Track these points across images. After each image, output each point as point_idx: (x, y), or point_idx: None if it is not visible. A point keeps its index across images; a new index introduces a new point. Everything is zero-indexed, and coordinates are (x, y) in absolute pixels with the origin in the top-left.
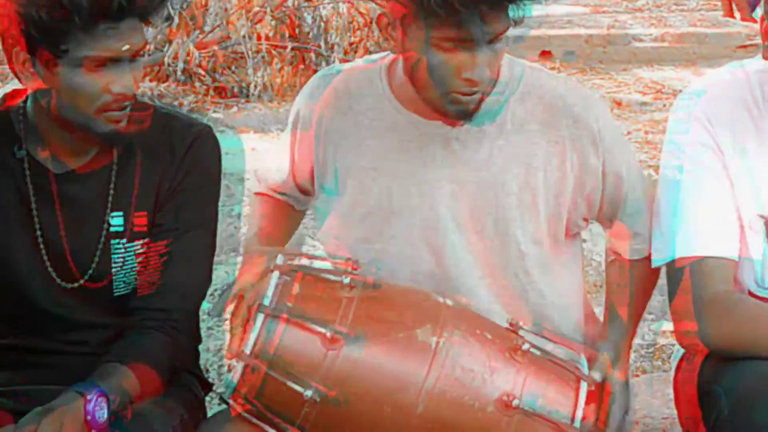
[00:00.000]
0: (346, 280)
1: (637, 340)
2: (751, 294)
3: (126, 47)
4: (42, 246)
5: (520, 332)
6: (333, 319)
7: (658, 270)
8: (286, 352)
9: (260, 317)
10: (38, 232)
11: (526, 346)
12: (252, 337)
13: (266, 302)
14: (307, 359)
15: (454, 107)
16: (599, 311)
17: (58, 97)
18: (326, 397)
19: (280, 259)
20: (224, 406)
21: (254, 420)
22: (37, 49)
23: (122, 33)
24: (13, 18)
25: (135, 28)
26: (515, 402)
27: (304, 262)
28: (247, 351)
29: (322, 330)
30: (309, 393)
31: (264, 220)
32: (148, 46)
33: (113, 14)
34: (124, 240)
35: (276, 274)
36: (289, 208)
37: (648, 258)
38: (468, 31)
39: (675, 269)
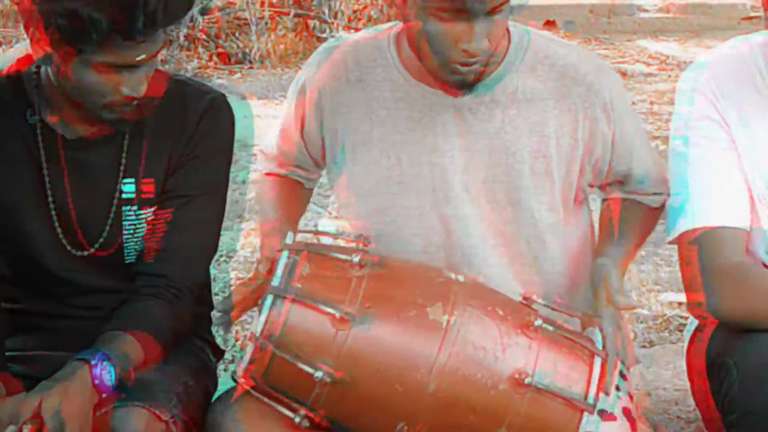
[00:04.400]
0: (356, 259)
1: (644, 312)
2: (764, 266)
3: (142, 57)
4: (54, 213)
5: (534, 306)
6: (342, 299)
7: (658, 214)
8: (295, 332)
9: (269, 298)
10: (50, 199)
11: (538, 322)
12: (262, 319)
13: (275, 283)
14: (316, 340)
15: (453, 77)
16: None
17: (69, 82)
18: (336, 378)
19: (289, 238)
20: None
21: (266, 400)
22: (54, 40)
23: (141, 46)
24: (33, 10)
25: (154, 39)
26: (527, 379)
27: (314, 240)
28: (257, 332)
29: (332, 310)
30: (319, 374)
31: (277, 205)
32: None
33: (134, 34)
34: (136, 207)
35: (285, 253)
36: (298, 187)
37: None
38: (466, 1)
39: (687, 241)
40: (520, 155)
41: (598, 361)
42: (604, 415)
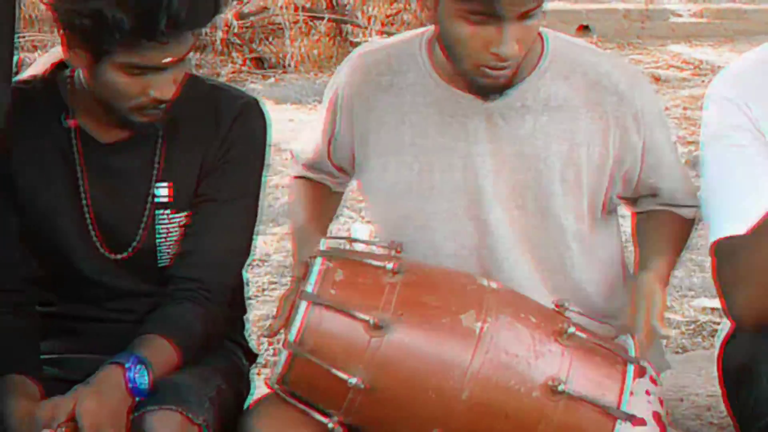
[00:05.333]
0: (389, 266)
1: (677, 318)
2: None
3: (168, 59)
4: (87, 216)
5: (566, 313)
6: (376, 306)
7: (691, 224)
8: (329, 339)
9: (303, 304)
10: (84, 202)
11: (571, 329)
12: (295, 325)
13: (309, 289)
14: (350, 346)
15: (483, 81)
16: None
17: (97, 84)
18: (370, 384)
19: (322, 245)
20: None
21: (300, 406)
22: (81, 42)
23: (166, 47)
24: (61, 12)
25: (181, 40)
26: (561, 387)
27: (348, 246)
28: (291, 338)
29: (365, 317)
30: (353, 380)
31: (307, 209)
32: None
33: (157, 36)
34: (169, 211)
35: (319, 260)
36: (326, 190)
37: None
38: (495, 5)
39: (721, 245)
40: (550, 162)
41: (630, 369)
42: (635, 419)
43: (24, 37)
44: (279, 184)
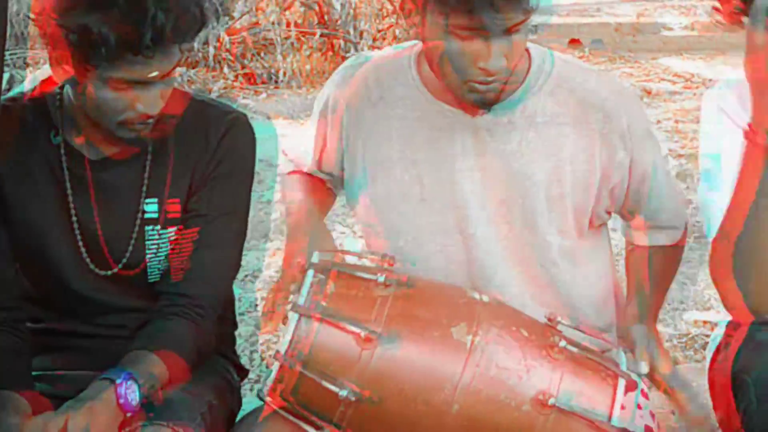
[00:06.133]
0: (381, 279)
1: (669, 330)
2: None
3: (155, 74)
4: (77, 232)
5: (558, 327)
6: (367, 318)
7: (680, 253)
8: (320, 351)
9: (295, 317)
10: (74, 218)
11: (562, 343)
12: (287, 337)
13: (301, 301)
14: (341, 359)
15: (471, 96)
16: None
17: (85, 100)
18: (361, 397)
19: (315, 257)
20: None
21: (291, 418)
22: (67, 57)
23: (152, 61)
24: (48, 28)
25: (167, 55)
26: (551, 400)
27: (340, 259)
28: (283, 350)
29: (357, 329)
30: (344, 392)
31: (302, 192)
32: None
33: (142, 50)
34: (158, 227)
35: (311, 272)
36: (321, 183)
37: (674, 245)
38: (482, 19)
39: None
40: (536, 178)
41: (621, 383)
42: None
43: (15, 54)
44: (271, 200)
